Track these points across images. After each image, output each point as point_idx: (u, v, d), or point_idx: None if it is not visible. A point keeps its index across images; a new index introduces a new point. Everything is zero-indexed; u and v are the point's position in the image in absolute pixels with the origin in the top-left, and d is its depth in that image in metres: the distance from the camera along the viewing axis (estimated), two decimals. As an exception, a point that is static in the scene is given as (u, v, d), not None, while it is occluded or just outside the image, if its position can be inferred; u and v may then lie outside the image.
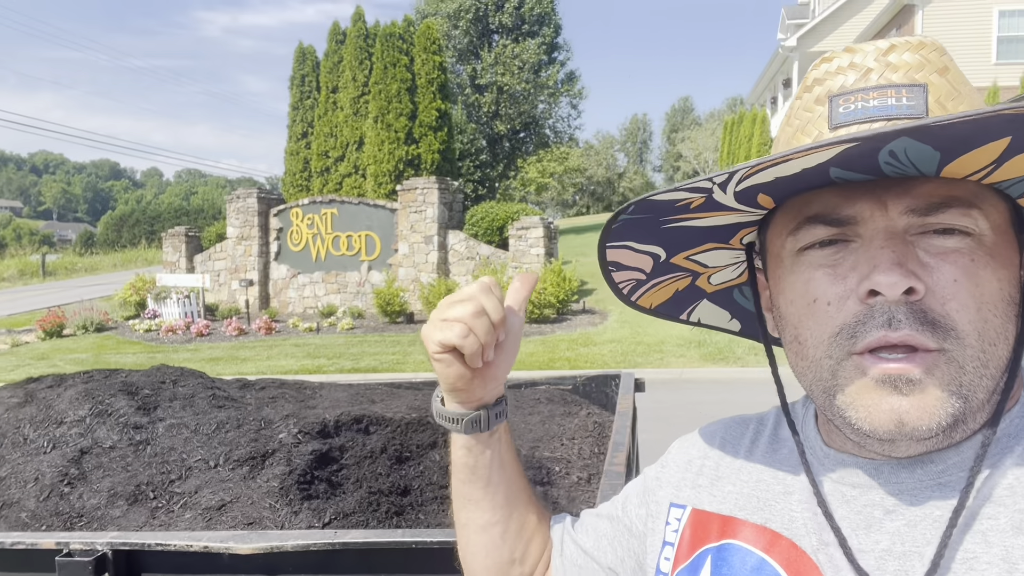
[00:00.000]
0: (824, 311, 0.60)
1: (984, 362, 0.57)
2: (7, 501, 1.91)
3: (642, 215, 0.68)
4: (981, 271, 0.57)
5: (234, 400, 2.50)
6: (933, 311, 0.56)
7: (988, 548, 0.55)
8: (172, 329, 13.37)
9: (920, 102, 0.58)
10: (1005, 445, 0.61)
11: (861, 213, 0.59)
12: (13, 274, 31.05)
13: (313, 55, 18.48)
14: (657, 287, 0.82)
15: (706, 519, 0.72)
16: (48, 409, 2.30)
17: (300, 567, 1.63)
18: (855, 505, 0.62)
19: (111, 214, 56.34)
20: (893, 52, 0.61)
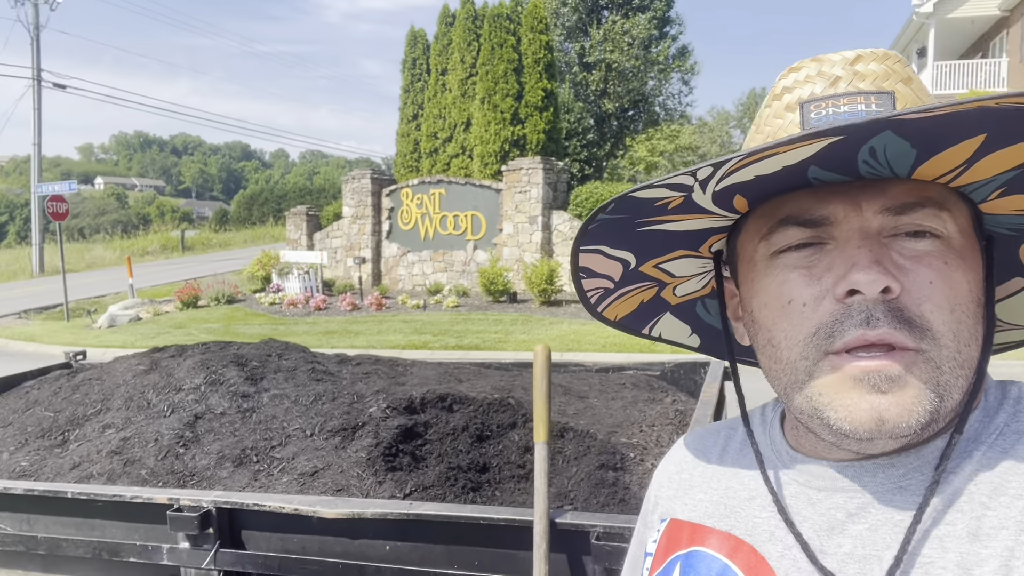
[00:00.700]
0: (799, 312, 0.60)
1: (960, 363, 0.57)
2: (130, 459, 2.14)
3: (620, 215, 0.69)
4: (954, 273, 0.57)
5: (331, 374, 2.67)
6: (909, 310, 0.56)
7: (944, 553, 0.55)
8: (293, 303, 14.20)
9: (888, 108, 0.59)
10: (964, 449, 0.60)
11: (835, 214, 0.59)
12: (156, 248, 33.86)
13: (424, 38, 18.88)
14: (624, 297, 0.83)
15: (679, 527, 0.73)
16: (169, 377, 2.54)
17: (379, 533, 1.74)
18: (819, 508, 0.63)
19: (242, 193, 60.05)
20: (860, 62, 0.61)
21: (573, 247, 0.75)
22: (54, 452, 2.31)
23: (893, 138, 0.52)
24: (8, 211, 67.87)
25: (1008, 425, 0.61)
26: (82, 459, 2.20)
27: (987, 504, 0.56)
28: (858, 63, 0.61)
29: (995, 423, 0.61)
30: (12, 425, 2.54)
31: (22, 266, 27.51)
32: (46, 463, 2.24)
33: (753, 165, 0.55)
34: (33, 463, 2.24)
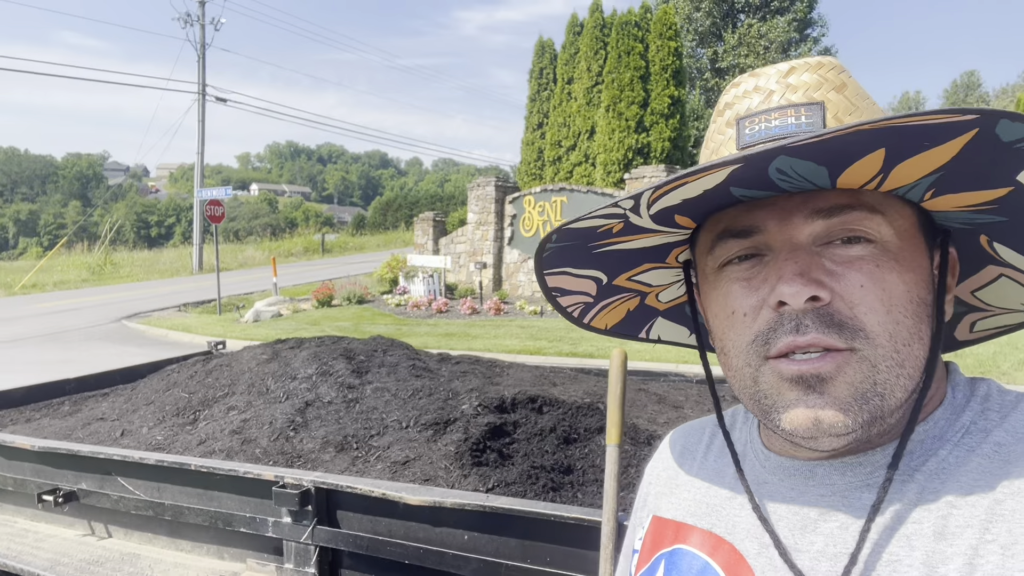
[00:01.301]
0: (742, 322, 0.62)
1: (899, 362, 0.58)
2: (247, 438, 2.36)
3: (568, 242, 0.71)
4: (887, 275, 0.58)
5: (430, 371, 2.80)
6: (841, 314, 0.57)
7: (911, 552, 0.55)
8: (417, 304, 14.78)
9: (818, 119, 0.60)
10: (930, 448, 0.60)
11: (765, 222, 0.61)
12: (299, 250, 36.29)
13: (551, 48, 19.11)
14: (607, 308, 0.84)
15: (663, 525, 0.75)
16: (286, 366, 2.77)
17: (458, 523, 1.82)
18: (793, 506, 0.64)
19: (379, 199, 63.20)
20: (793, 74, 0.62)
21: (536, 271, 0.78)
22: (185, 429, 2.57)
23: (794, 160, 0.53)
24: (175, 214, 75.04)
25: (975, 423, 0.61)
26: (207, 436, 2.44)
27: (953, 503, 0.56)
28: (791, 75, 0.62)
29: (961, 421, 0.61)
30: (153, 403, 2.86)
31: (184, 264, 30.31)
32: (177, 438, 2.50)
33: (679, 189, 0.57)
34: (167, 438, 2.51)
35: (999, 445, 0.58)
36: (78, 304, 18.63)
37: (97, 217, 60.64)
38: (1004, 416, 0.60)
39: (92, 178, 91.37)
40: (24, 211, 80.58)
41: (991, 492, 0.55)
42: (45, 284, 24.72)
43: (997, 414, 0.61)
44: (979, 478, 0.56)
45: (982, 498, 0.55)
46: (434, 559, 1.82)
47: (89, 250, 35.35)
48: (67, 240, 35.19)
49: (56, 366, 10.05)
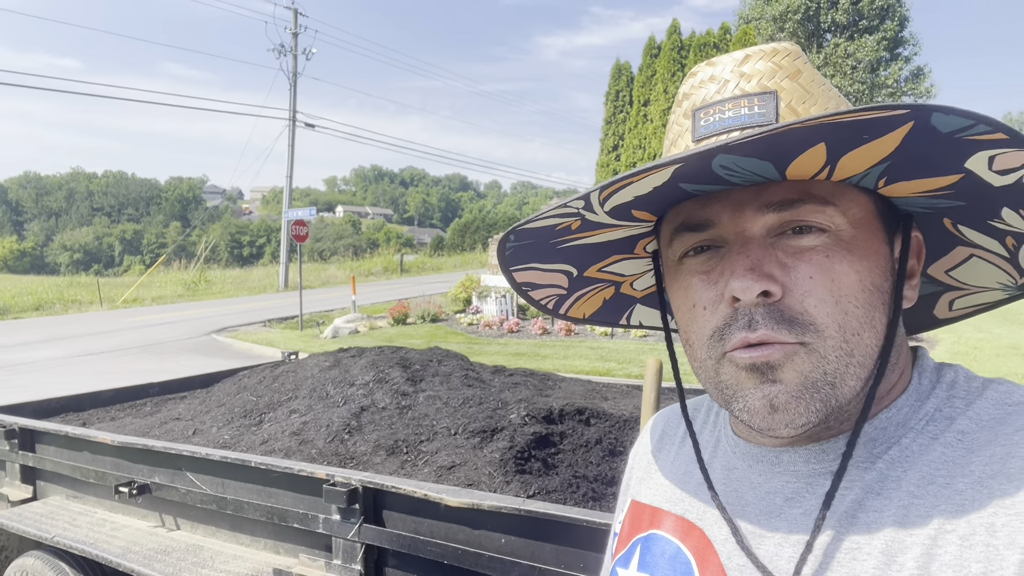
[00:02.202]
0: (702, 315, 0.62)
1: (848, 351, 0.57)
2: (305, 439, 2.47)
3: (528, 241, 0.72)
4: (837, 265, 0.58)
5: (483, 381, 2.85)
6: (791, 309, 0.57)
7: (870, 539, 0.55)
8: (488, 324, 14.93)
9: (770, 109, 0.59)
10: (893, 435, 0.59)
11: (719, 216, 0.61)
12: (379, 270, 37.32)
13: (628, 71, 19.13)
14: (583, 299, 0.84)
15: (641, 510, 0.76)
16: (346, 373, 2.88)
17: (496, 526, 1.86)
18: (760, 492, 0.64)
19: (457, 221, 64.36)
20: (747, 62, 0.62)
21: (502, 269, 0.79)
22: (251, 429, 2.71)
23: (735, 157, 0.53)
24: (266, 234, 78.51)
25: (939, 410, 0.60)
26: (270, 436, 2.56)
27: (915, 493, 0.56)
28: (745, 63, 0.62)
29: (925, 408, 0.61)
30: (224, 406, 3.02)
31: (271, 282, 31.66)
32: (243, 438, 2.64)
33: (628, 188, 0.58)
34: (233, 437, 2.65)
35: (963, 433, 0.57)
36: (173, 318, 19.72)
37: (195, 237, 64.20)
38: (969, 403, 0.59)
39: (191, 200, 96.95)
40: (129, 231, 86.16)
41: (953, 481, 0.55)
42: (144, 299, 26.31)
43: (962, 401, 0.60)
44: (941, 467, 0.56)
45: (944, 488, 0.55)
46: (471, 560, 1.86)
47: (186, 268, 37.42)
48: (166, 258, 37.38)
49: (149, 375, 10.68)
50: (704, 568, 0.65)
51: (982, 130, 0.50)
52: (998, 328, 12.74)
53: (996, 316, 13.74)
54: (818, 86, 0.62)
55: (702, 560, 0.65)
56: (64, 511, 2.76)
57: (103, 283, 29.99)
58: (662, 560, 0.69)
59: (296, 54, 30.14)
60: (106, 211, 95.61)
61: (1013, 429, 0.55)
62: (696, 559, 0.66)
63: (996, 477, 0.53)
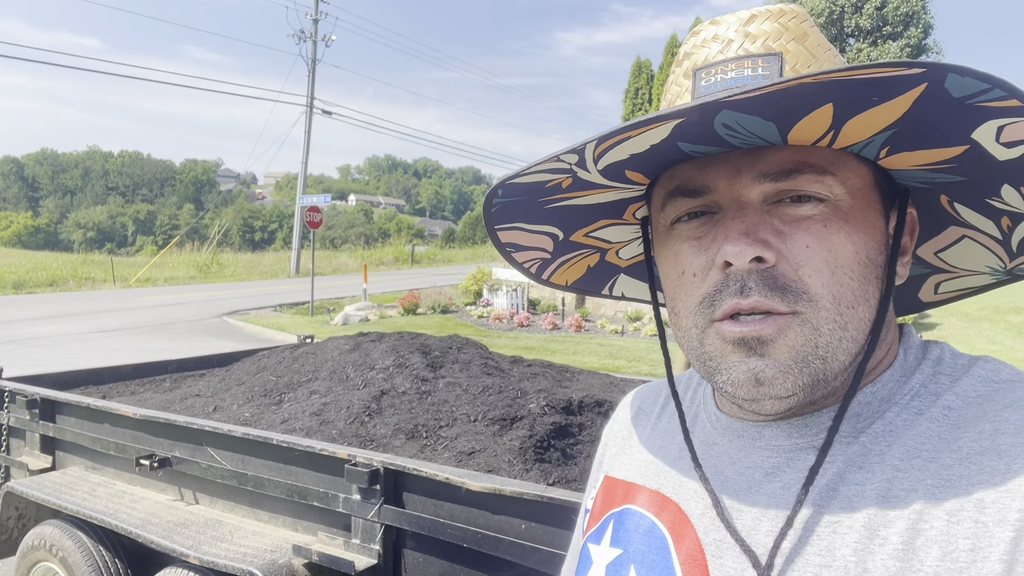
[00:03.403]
0: (691, 282, 0.61)
1: (842, 324, 0.56)
2: (326, 420, 2.49)
3: (517, 197, 0.70)
4: (834, 236, 0.57)
5: (502, 370, 2.87)
6: (785, 276, 0.56)
7: (852, 514, 0.54)
8: (499, 317, 14.95)
9: (775, 71, 0.58)
10: (877, 410, 0.59)
11: (716, 182, 0.59)
12: (390, 259, 37.42)
13: (648, 68, 19.06)
14: (566, 265, 0.82)
15: (614, 485, 0.74)
16: (366, 356, 2.90)
17: (516, 512, 1.87)
18: (739, 467, 0.63)
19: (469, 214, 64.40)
20: (753, 22, 0.60)
21: (486, 226, 0.77)
22: (271, 408, 2.73)
23: (737, 115, 0.52)
24: (278, 220, 78.82)
25: (925, 386, 0.59)
26: (290, 416, 2.58)
27: (899, 467, 0.55)
28: (751, 23, 0.60)
29: (910, 383, 0.60)
30: (244, 384, 3.05)
31: (282, 267, 31.79)
32: (263, 416, 2.66)
33: (624, 144, 0.56)
34: (254, 415, 2.68)
35: (949, 409, 0.56)
36: (185, 299, 19.84)
37: (207, 220, 64.53)
38: (955, 380, 0.59)
39: (206, 183, 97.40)
40: (143, 211, 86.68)
41: (939, 456, 0.54)
42: (157, 279, 26.49)
43: (948, 378, 0.59)
44: (927, 441, 0.55)
45: (929, 462, 0.54)
46: (491, 544, 1.88)
47: (198, 250, 37.64)
48: (179, 240, 37.60)
49: (161, 354, 10.76)
50: (680, 543, 0.63)
51: (996, 96, 0.48)
52: (1011, 340, 12.65)
53: (1011, 329, 13.64)
54: (824, 51, 0.60)
55: (677, 535, 0.64)
56: (83, 482, 2.79)
57: (116, 262, 30.21)
58: (636, 535, 0.67)
59: (316, 40, 30.18)
60: (121, 191, 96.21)
61: (1002, 406, 0.55)
62: (672, 534, 0.64)
63: (985, 453, 0.52)
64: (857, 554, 0.52)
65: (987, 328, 13.72)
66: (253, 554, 2.14)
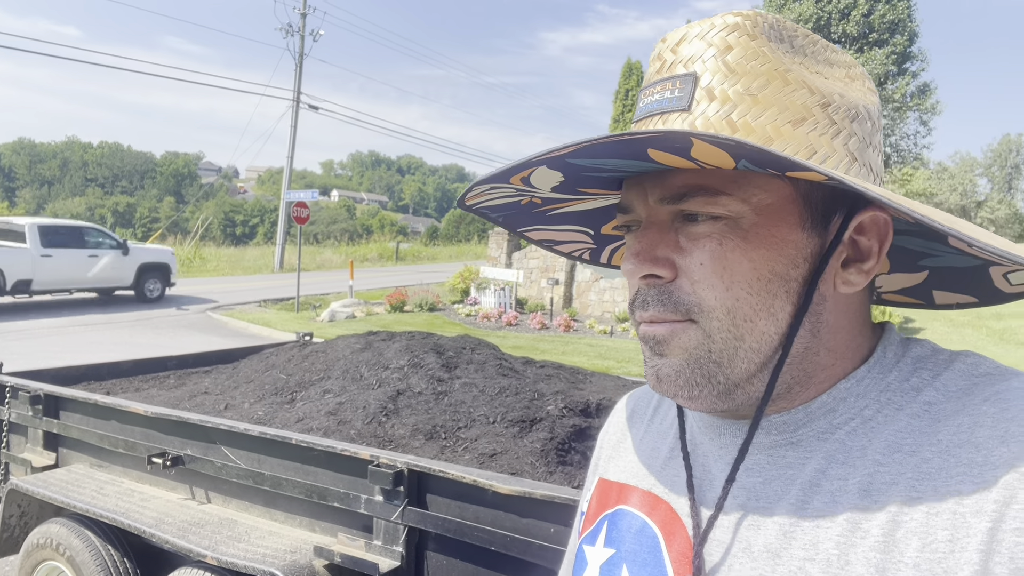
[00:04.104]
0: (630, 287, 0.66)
1: (737, 336, 0.59)
2: (343, 420, 2.47)
3: (506, 213, 0.76)
4: (729, 254, 0.58)
5: (516, 372, 2.86)
6: (681, 290, 0.60)
7: (835, 507, 0.56)
8: (487, 316, 14.94)
9: (687, 93, 0.59)
10: (853, 405, 0.60)
11: (632, 202, 0.64)
12: (374, 256, 37.23)
13: (639, 70, 19.13)
14: (620, 250, 0.85)
15: (608, 487, 0.76)
16: (380, 356, 2.88)
17: (545, 515, 1.87)
18: (722, 464, 0.65)
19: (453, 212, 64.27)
20: (683, 43, 0.61)
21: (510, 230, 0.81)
22: (284, 407, 2.71)
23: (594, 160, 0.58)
24: (260, 214, 78.12)
25: (906, 381, 0.60)
26: (305, 415, 2.56)
27: (880, 461, 0.56)
28: (682, 44, 0.60)
29: (887, 380, 0.61)
30: (253, 382, 3.02)
31: (266, 262, 31.52)
32: (277, 415, 2.64)
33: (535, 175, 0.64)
34: (267, 413, 2.65)
35: (929, 404, 0.57)
36: (168, 293, 19.60)
37: (188, 213, 63.78)
38: (936, 375, 0.59)
39: (187, 176, 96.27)
40: (123, 203, 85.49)
41: (919, 450, 0.55)
42: (138, 272, 26.09)
43: (929, 372, 0.60)
44: (907, 436, 0.56)
45: (910, 456, 0.55)
46: (520, 548, 1.87)
47: (180, 244, 37.20)
48: (161, 233, 37.14)
49: (148, 348, 10.62)
50: (671, 542, 0.65)
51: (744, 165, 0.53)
52: (993, 346, 12.86)
53: (992, 335, 13.85)
54: (749, 61, 0.58)
55: (668, 533, 0.65)
56: (89, 479, 2.75)
57: (96, 254, 29.72)
58: (628, 535, 0.69)
59: (304, 35, 29.95)
60: (100, 182, 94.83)
61: (981, 399, 0.55)
62: (663, 532, 0.66)
63: (963, 446, 0.53)
64: (839, 547, 0.54)
65: (970, 333, 13.94)
66: (273, 555, 2.12)
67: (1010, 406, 0.53)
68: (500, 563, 1.92)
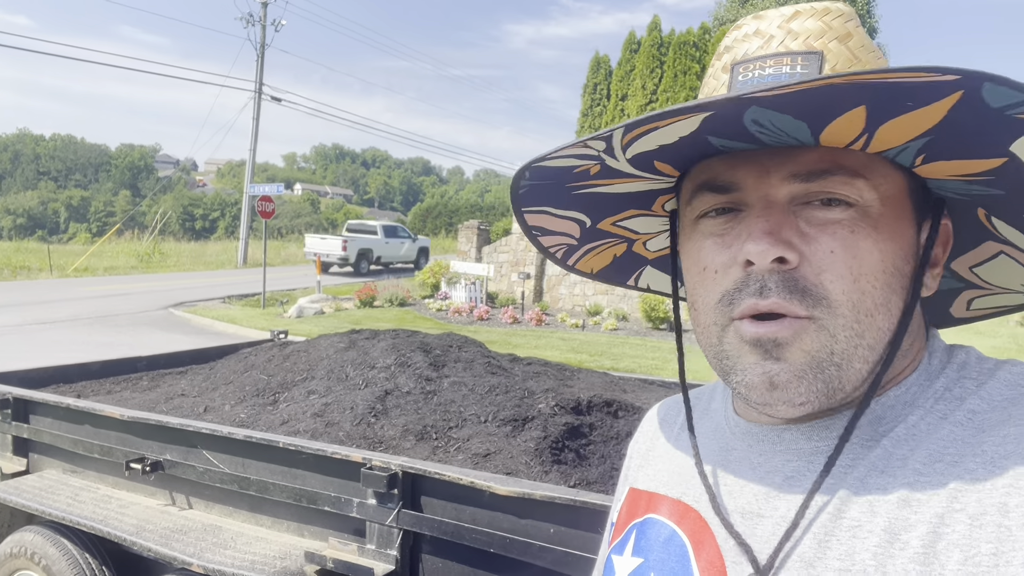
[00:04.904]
0: (712, 278, 0.61)
1: (859, 332, 0.56)
2: (330, 421, 2.42)
3: (544, 181, 0.69)
4: (861, 242, 0.56)
5: (504, 369, 2.84)
6: (806, 279, 0.56)
7: (873, 517, 0.54)
8: (458, 311, 14.88)
9: (814, 69, 0.57)
10: (900, 413, 0.59)
11: (744, 180, 0.59)
12: (340, 251, 36.74)
13: (607, 64, 19.20)
14: (593, 252, 0.82)
15: (638, 497, 0.74)
16: (365, 355, 2.83)
17: (545, 516, 1.85)
18: (759, 472, 0.63)
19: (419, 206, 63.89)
20: (796, 19, 0.59)
21: (513, 208, 0.76)
22: (267, 409, 2.65)
23: (770, 112, 0.51)
24: (220, 208, 76.64)
25: (949, 390, 0.59)
26: (290, 417, 2.50)
27: (921, 471, 0.54)
28: (794, 20, 0.59)
29: (934, 387, 0.60)
30: (232, 383, 2.94)
31: (229, 257, 30.95)
32: (260, 417, 2.57)
33: (653, 134, 0.56)
34: (250, 416, 2.59)
35: (973, 413, 0.56)
36: (127, 290, 19.14)
37: (144, 207, 62.27)
38: (980, 384, 0.58)
39: (143, 169, 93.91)
40: (76, 197, 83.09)
41: (962, 460, 0.53)
42: (96, 269, 25.45)
43: (973, 381, 0.59)
44: (950, 445, 0.55)
45: (952, 466, 0.53)
46: (519, 549, 1.85)
47: (138, 238, 36.33)
48: (118, 227, 36.19)
49: (108, 348, 10.34)
50: (700, 551, 0.63)
51: None
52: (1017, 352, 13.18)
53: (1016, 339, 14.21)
54: (868, 52, 0.59)
55: (697, 542, 0.64)
56: (64, 486, 2.66)
57: (52, 250, 28.90)
58: (656, 544, 0.67)
59: (265, 24, 29.39)
60: (53, 175, 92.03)
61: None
62: (692, 542, 0.64)
63: (1010, 457, 0.51)
64: (877, 558, 0.52)
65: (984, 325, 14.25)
66: (262, 561, 2.07)
67: None
68: (498, 565, 1.90)
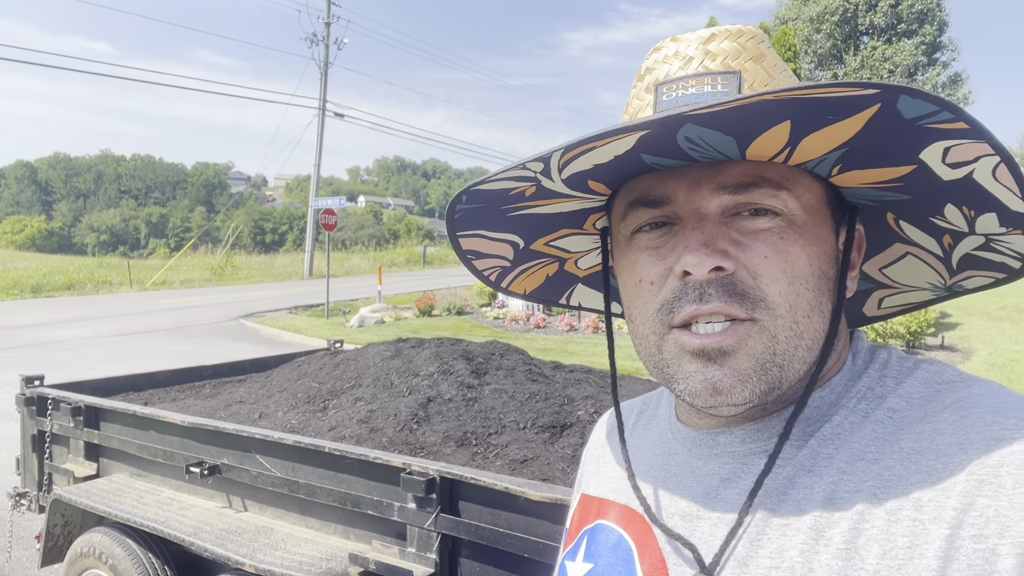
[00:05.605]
0: (648, 290, 0.62)
1: (798, 333, 0.58)
2: (374, 427, 2.49)
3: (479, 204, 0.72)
4: (791, 248, 0.58)
5: (546, 377, 2.87)
6: (744, 283, 0.58)
7: (800, 516, 0.56)
8: (515, 319, 14.96)
9: (733, 89, 0.59)
10: (825, 413, 0.60)
11: (676, 193, 0.61)
12: (401, 260, 37.51)
13: (663, 68, 19.00)
14: (526, 273, 0.85)
15: (589, 503, 0.76)
16: (410, 363, 2.90)
17: (578, 522, 1.87)
18: (698, 475, 0.65)
19: (478, 215, 64.43)
20: (713, 41, 0.62)
21: (448, 233, 0.78)
22: (316, 415, 2.75)
23: (701, 128, 0.53)
24: (288, 222, 79.15)
25: (871, 389, 0.61)
26: (337, 423, 2.59)
27: (844, 469, 0.56)
28: (711, 42, 0.62)
29: (857, 387, 0.61)
30: (286, 391, 3.06)
31: (296, 269, 31.92)
32: (310, 423, 2.67)
33: (589, 154, 0.58)
34: (300, 422, 2.69)
35: (893, 411, 0.58)
36: (201, 302, 19.97)
37: (219, 222, 64.84)
38: (900, 382, 0.60)
39: (217, 186, 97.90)
40: (156, 214, 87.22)
41: (882, 458, 0.55)
42: (172, 282, 26.66)
43: (893, 380, 0.60)
44: (871, 443, 0.56)
45: (873, 464, 0.55)
46: (553, 555, 1.88)
47: (212, 252, 37.86)
48: (193, 242, 37.81)
49: (183, 357, 10.82)
50: (643, 553, 0.65)
51: (945, 118, 0.50)
52: (1033, 341, 12.53)
53: (1031, 329, 13.51)
54: (780, 71, 0.62)
55: (642, 545, 0.66)
56: (130, 489, 2.81)
57: (132, 265, 30.42)
58: (605, 549, 0.69)
59: (328, 43, 30.29)
60: (133, 194, 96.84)
61: (942, 407, 0.56)
62: (637, 546, 0.66)
63: (924, 453, 0.53)
64: (803, 555, 0.54)
65: (1009, 327, 13.60)
66: (309, 562, 2.15)
67: (970, 414, 0.54)
68: (534, 570, 1.92)
